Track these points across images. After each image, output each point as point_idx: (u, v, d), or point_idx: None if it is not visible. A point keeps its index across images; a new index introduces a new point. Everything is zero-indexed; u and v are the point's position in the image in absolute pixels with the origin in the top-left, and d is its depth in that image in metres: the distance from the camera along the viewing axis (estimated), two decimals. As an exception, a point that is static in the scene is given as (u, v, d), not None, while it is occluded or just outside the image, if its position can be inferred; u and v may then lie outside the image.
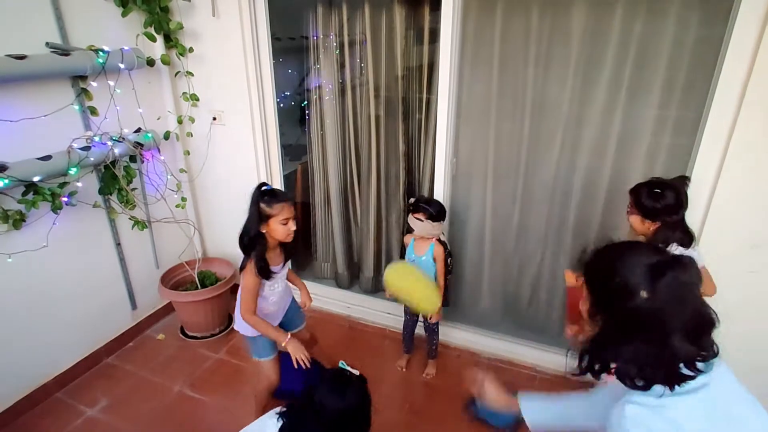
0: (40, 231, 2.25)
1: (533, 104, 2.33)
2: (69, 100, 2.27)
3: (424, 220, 2.26)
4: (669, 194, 1.64)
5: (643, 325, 0.88)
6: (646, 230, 1.69)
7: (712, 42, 1.90)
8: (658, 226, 1.66)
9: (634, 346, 0.89)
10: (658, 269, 0.87)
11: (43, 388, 2.42)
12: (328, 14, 2.67)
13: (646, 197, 1.67)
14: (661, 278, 0.86)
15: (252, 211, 1.81)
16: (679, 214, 1.65)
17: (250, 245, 1.84)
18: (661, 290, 0.86)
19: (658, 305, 0.86)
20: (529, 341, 2.70)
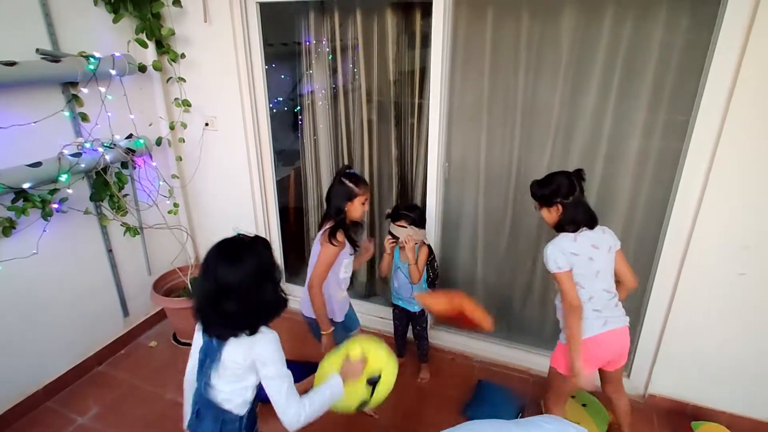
0: (30, 238, 2.24)
1: (524, 109, 2.35)
2: (59, 107, 2.26)
3: (407, 226, 2.27)
4: (556, 179, 1.80)
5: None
6: (554, 218, 1.83)
7: (699, 47, 1.93)
8: (561, 210, 1.79)
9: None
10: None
11: (32, 397, 2.40)
12: (321, 20, 2.68)
13: (537, 187, 1.85)
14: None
15: (339, 188, 1.96)
16: (574, 195, 1.77)
17: (339, 216, 1.93)
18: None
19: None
20: (522, 344, 2.71)
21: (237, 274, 1.26)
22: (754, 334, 2.10)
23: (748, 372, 2.17)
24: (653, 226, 2.25)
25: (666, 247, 2.16)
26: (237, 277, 1.26)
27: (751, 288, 2.03)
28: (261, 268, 1.30)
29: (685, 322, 2.19)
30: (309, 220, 3.20)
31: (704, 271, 2.09)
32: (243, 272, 1.26)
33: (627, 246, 2.33)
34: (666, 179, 2.16)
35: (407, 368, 2.70)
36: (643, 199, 2.27)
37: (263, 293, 1.30)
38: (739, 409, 2.24)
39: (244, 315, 1.30)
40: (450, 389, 2.55)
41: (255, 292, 1.28)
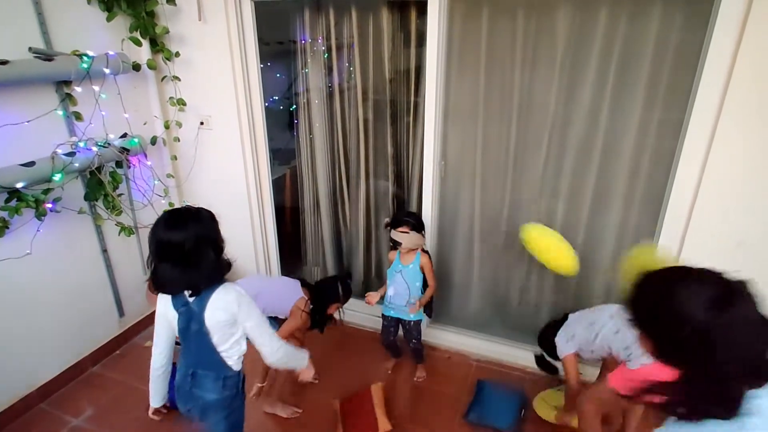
0: (23, 238, 2.22)
1: (520, 106, 2.35)
2: (53, 106, 2.25)
3: (410, 231, 2.30)
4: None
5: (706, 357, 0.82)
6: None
7: (693, 45, 1.93)
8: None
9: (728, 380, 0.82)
10: (723, 300, 0.83)
11: (25, 399, 2.38)
12: (316, 18, 2.67)
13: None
14: (727, 310, 0.81)
15: (334, 289, 2.39)
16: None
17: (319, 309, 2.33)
18: (725, 323, 0.80)
19: (720, 340, 0.81)
20: (518, 342, 2.71)
21: (179, 237, 1.37)
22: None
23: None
24: (648, 224, 2.26)
25: (661, 245, 2.17)
26: (179, 239, 1.37)
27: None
28: (202, 235, 1.41)
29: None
30: (305, 220, 3.19)
31: (700, 268, 2.09)
32: (185, 236, 1.37)
33: (622, 244, 2.34)
34: (661, 177, 2.17)
35: (403, 367, 2.70)
36: (638, 197, 2.28)
37: (205, 256, 1.41)
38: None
39: (187, 276, 1.41)
40: (447, 388, 2.55)
41: (196, 255, 1.39)
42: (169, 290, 1.48)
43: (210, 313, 1.45)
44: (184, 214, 1.44)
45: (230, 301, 1.46)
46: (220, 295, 1.46)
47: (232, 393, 1.57)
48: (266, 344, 1.53)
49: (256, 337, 1.53)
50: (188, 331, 1.49)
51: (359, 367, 2.70)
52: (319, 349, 2.85)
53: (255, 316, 1.51)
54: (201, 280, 1.43)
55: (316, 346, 2.87)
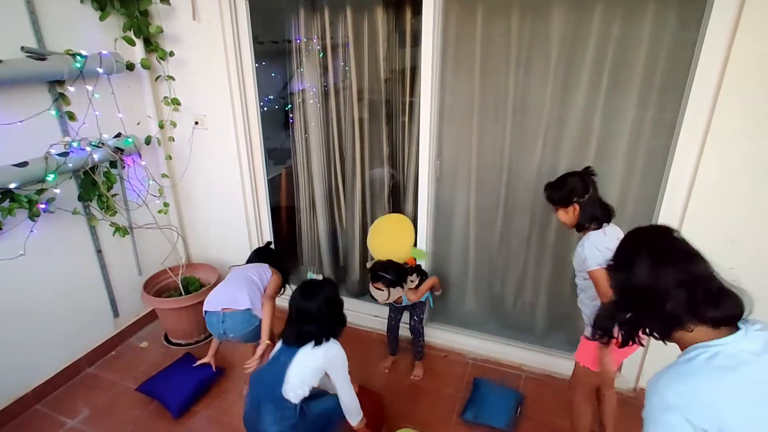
0: (17, 239, 2.20)
1: (515, 106, 2.35)
2: (46, 106, 2.23)
3: (384, 288, 2.31)
4: (569, 180, 1.82)
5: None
6: (572, 218, 1.83)
7: (686, 45, 1.94)
8: (578, 209, 1.80)
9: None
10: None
11: (21, 401, 2.37)
12: (311, 17, 2.66)
13: (552, 190, 1.86)
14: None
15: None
16: (589, 193, 1.79)
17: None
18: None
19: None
20: (514, 341, 2.72)
21: (312, 304, 1.78)
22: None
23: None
24: (643, 222, 2.26)
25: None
26: (313, 306, 1.78)
27: (741, 281, 2.05)
28: (330, 299, 1.84)
29: (674, 317, 2.21)
30: (301, 219, 3.18)
31: (693, 266, 2.10)
32: (317, 303, 1.78)
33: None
34: (655, 176, 2.18)
35: (401, 366, 2.71)
36: (633, 196, 2.29)
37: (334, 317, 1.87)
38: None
39: (318, 332, 1.80)
40: (444, 386, 2.56)
41: (327, 316, 1.82)
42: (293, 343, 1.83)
43: (302, 354, 1.80)
44: (318, 285, 1.86)
45: (329, 350, 1.84)
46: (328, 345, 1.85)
47: (291, 423, 1.78)
48: (350, 404, 1.88)
49: (341, 392, 1.86)
50: (277, 361, 1.84)
51: (357, 366, 2.69)
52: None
53: (343, 372, 1.87)
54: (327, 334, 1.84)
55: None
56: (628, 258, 1.08)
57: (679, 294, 0.98)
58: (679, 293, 0.98)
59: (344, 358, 1.85)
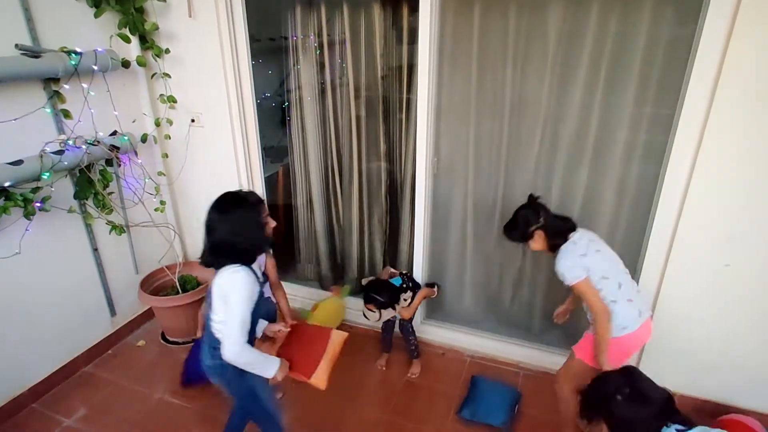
0: (12, 237, 2.19)
1: (512, 103, 2.35)
2: (41, 103, 2.22)
3: (376, 311, 2.34)
4: (519, 215, 1.95)
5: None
6: (543, 244, 1.92)
7: (683, 41, 1.94)
8: (542, 234, 1.90)
9: None
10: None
11: (17, 400, 2.36)
12: (307, 14, 2.65)
13: (509, 231, 1.99)
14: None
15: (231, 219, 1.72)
16: (541, 216, 1.90)
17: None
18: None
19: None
20: (512, 338, 2.72)
21: (215, 216, 1.58)
22: (740, 324, 2.13)
23: (733, 362, 2.20)
24: (640, 220, 2.27)
25: (652, 240, 2.18)
26: (215, 219, 1.58)
27: (737, 279, 2.06)
28: (241, 218, 1.59)
29: (671, 314, 2.21)
30: (298, 217, 3.18)
31: (690, 263, 2.11)
32: (220, 217, 1.58)
33: (614, 239, 2.35)
34: (652, 172, 2.17)
35: (398, 363, 2.71)
36: (630, 193, 2.29)
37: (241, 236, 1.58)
38: (723, 398, 2.28)
39: (221, 251, 1.58)
40: (441, 384, 2.56)
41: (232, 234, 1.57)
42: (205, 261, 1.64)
43: (215, 280, 1.59)
44: (229, 198, 1.62)
45: (226, 275, 1.56)
46: (233, 269, 1.56)
47: (221, 362, 1.58)
48: (227, 334, 1.53)
49: (225, 322, 1.55)
50: (208, 296, 1.66)
51: (352, 364, 2.70)
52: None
53: (236, 303, 1.53)
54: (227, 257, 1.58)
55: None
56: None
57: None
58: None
59: (241, 288, 1.53)
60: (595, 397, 1.42)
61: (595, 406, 1.41)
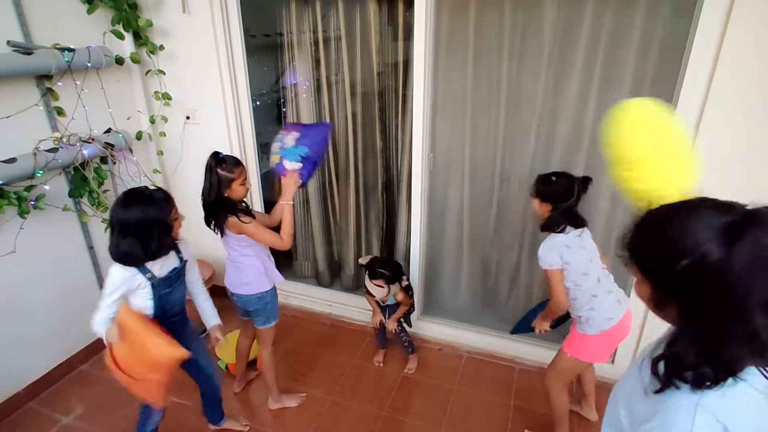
0: (7, 236, 2.18)
1: (508, 98, 2.35)
2: (34, 101, 2.20)
3: (384, 285, 2.32)
4: (561, 182, 1.80)
5: (727, 306, 0.69)
6: (542, 214, 1.84)
7: (679, 35, 1.94)
8: (549, 209, 1.81)
9: (719, 335, 0.71)
10: (734, 230, 0.69)
11: (14, 398, 2.36)
12: (303, 10, 2.64)
13: (539, 183, 1.85)
14: (738, 241, 0.68)
15: (213, 179, 1.87)
16: (567, 202, 1.79)
17: (221, 208, 1.90)
18: (740, 257, 0.67)
19: (738, 276, 0.67)
20: (508, 333, 2.72)
21: (130, 215, 1.56)
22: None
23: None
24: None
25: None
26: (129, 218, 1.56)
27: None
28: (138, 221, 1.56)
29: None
30: (295, 214, 3.16)
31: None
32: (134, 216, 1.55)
33: (610, 235, 2.36)
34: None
35: (394, 359, 2.71)
36: (626, 188, 2.30)
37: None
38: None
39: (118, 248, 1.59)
40: (437, 379, 2.57)
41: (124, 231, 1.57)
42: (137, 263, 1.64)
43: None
44: (135, 196, 1.59)
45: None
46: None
47: None
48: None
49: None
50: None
51: (349, 361, 2.71)
52: (309, 343, 2.85)
53: (105, 291, 1.67)
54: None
55: (307, 340, 2.88)
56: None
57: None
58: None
59: (111, 281, 1.64)
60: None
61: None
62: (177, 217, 1.70)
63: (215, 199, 1.89)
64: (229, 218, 1.90)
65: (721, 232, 0.69)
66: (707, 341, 0.72)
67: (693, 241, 0.71)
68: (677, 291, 0.75)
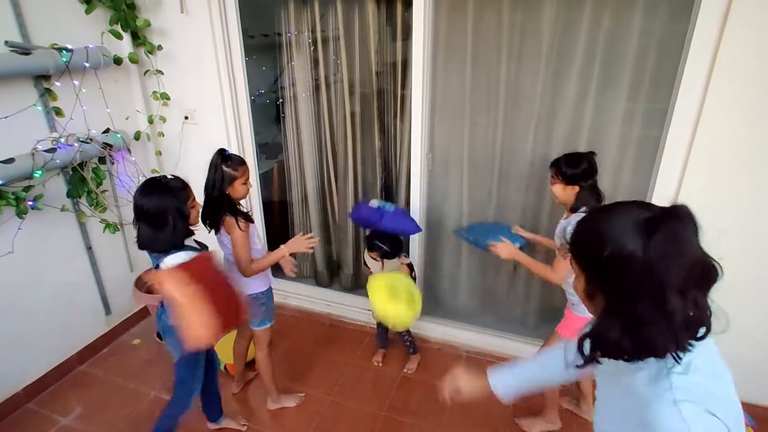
0: (5, 236, 2.18)
1: (506, 98, 2.35)
2: (32, 101, 2.20)
3: (379, 259, 2.30)
4: (584, 161, 1.83)
5: (645, 290, 0.78)
6: (568, 197, 1.85)
7: (677, 36, 1.94)
8: (577, 190, 1.83)
9: (639, 315, 0.79)
10: (652, 223, 0.79)
11: (12, 399, 2.35)
12: (301, 10, 2.63)
13: (566, 165, 1.85)
14: (655, 233, 0.78)
15: (217, 175, 1.89)
16: (593, 178, 1.83)
17: (222, 206, 1.91)
18: (656, 246, 0.77)
19: (655, 263, 0.77)
20: (508, 333, 2.73)
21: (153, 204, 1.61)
22: (732, 317, 2.14)
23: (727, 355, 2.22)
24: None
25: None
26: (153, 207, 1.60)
27: (729, 273, 2.06)
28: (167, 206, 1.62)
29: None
30: (294, 214, 3.17)
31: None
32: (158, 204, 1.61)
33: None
34: (645, 166, 2.18)
35: (394, 359, 2.71)
36: (624, 187, 2.30)
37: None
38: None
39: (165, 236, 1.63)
40: (437, 379, 2.54)
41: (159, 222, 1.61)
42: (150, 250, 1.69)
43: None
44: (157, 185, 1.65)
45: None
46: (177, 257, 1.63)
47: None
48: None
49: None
50: None
51: (348, 361, 2.71)
52: (308, 343, 2.85)
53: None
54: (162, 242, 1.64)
55: (306, 340, 2.88)
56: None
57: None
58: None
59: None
60: None
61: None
62: (194, 206, 1.73)
63: (216, 196, 1.91)
64: (227, 217, 1.89)
65: (642, 225, 0.79)
66: (628, 322, 0.80)
67: (617, 233, 0.81)
68: (603, 278, 0.84)
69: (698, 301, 0.82)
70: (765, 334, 2.14)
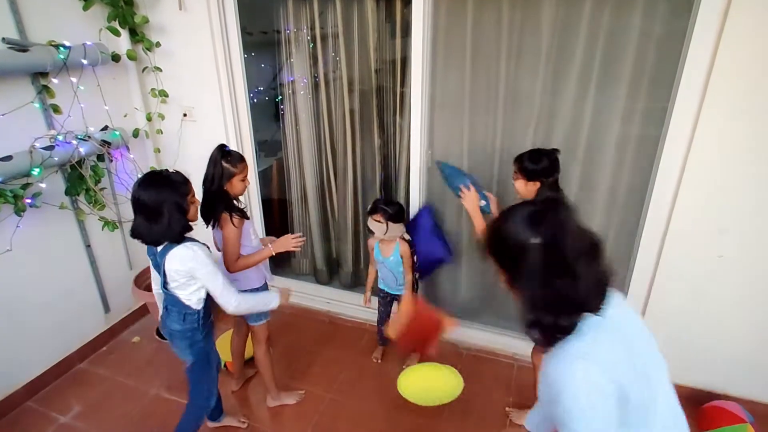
0: (3, 235, 2.17)
1: (506, 96, 2.34)
2: (29, 98, 2.19)
3: (383, 221, 2.27)
4: (545, 159, 1.88)
5: (554, 268, 0.94)
6: (528, 193, 1.91)
7: (677, 34, 1.94)
8: (538, 186, 1.88)
9: (552, 293, 0.94)
10: (539, 215, 0.97)
11: (11, 398, 2.35)
12: (300, 7, 2.62)
13: (528, 161, 1.90)
14: (542, 222, 0.95)
15: (216, 171, 1.90)
16: (554, 176, 1.89)
17: (219, 201, 1.92)
18: (545, 234, 0.94)
19: (547, 248, 0.93)
20: (507, 331, 2.74)
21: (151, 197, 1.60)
22: (732, 315, 2.15)
23: (725, 351, 2.23)
24: (633, 212, 2.28)
25: (646, 232, 2.19)
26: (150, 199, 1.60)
27: (730, 270, 2.08)
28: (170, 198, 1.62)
29: (664, 306, 2.24)
30: (293, 211, 3.17)
31: (683, 255, 2.13)
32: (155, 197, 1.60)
33: (607, 231, 2.37)
34: (645, 165, 2.18)
35: (394, 356, 2.71)
36: (623, 185, 2.30)
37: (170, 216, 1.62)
38: (715, 387, 2.31)
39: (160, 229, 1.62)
40: (436, 376, 2.57)
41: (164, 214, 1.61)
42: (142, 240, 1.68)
43: (168, 263, 1.66)
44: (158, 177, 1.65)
45: (186, 256, 1.65)
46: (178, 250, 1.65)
47: (192, 326, 1.79)
48: (219, 296, 1.73)
49: (210, 288, 1.73)
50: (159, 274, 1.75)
51: (348, 358, 2.71)
52: (307, 341, 2.85)
53: (206, 269, 1.68)
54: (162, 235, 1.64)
55: (306, 338, 2.88)
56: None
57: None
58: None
59: (201, 258, 1.67)
60: None
61: None
62: (194, 201, 1.73)
63: (214, 191, 1.91)
64: (224, 213, 1.90)
65: (530, 217, 0.96)
66: (537, 301, 0.96)
67: (514, 228, 0.98)
68: (515, 267, 0.99)
69: (596, 267, 0.97)
70: (764, 333, 2.14)
